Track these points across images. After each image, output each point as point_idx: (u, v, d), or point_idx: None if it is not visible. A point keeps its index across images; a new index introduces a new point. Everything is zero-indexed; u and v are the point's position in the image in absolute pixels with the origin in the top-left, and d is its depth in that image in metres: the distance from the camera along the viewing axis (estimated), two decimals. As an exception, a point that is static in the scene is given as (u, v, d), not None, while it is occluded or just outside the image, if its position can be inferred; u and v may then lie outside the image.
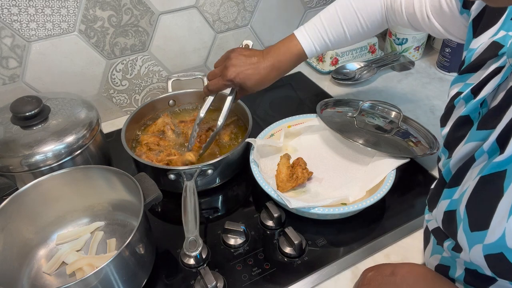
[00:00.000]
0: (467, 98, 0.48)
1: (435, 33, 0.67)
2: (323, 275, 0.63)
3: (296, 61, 0.76)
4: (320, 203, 0.67)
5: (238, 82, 0.74)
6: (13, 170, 0.69)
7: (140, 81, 0.99)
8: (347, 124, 0.83)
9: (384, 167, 0.74)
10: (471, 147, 0.45)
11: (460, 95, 0.49)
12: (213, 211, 0.77)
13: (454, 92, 0.51)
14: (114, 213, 0.71)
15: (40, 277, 0.63)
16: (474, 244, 0.42)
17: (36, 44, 0.82)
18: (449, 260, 0.51)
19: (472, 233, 0.41)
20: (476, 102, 0.46)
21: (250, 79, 0.73)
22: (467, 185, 0.43)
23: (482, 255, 0.41)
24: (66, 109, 0.75)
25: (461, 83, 0.51)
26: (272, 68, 0.74)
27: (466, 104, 0.48)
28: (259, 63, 0.74)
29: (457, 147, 0.48)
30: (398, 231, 0.69)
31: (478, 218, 0.41)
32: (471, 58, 0.49)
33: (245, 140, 0.77)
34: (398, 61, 1.13)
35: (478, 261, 0.42)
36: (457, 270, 0.50)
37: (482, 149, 0.42)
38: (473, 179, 0.43)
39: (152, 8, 0.89)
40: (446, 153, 0.51)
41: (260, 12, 1.04)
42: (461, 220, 0.43)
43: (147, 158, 0.78)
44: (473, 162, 0.44)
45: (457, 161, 0.47)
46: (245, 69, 0.73)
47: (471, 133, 0.46)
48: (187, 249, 0.57)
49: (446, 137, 0.51)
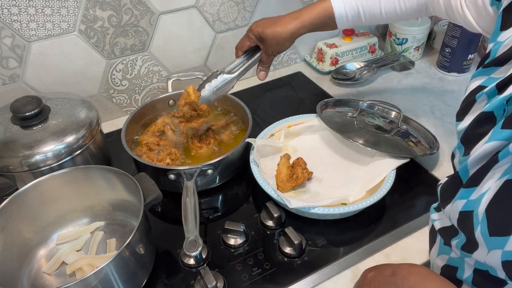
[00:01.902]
0: (490, 94, 0.45)
1: (468, 25, 0.64)
2: (323, 275, 0.63)
3: (321, 17, 0.71)
4: (320, 203, 0.67)
5: (257, 32, 0.73)
6: (13, 170, 0.69)
7: (140, 81, 0.99)
8: (347, 124, 0.83)
9: (384, 167, 0.74)
10: (494, 146, 0.42)
11: (482, 89, 0.46)
12: (213, 211, 0.77)
13: (475, 85, 0.48)
14: (114, 213, 0.71)
15: (40, 277, 0.63)
16: (492, 248, 0.40)
17: (36, 44, 0.82)
18: (457, 260, 0.50)
19: (491, 238, 0.40)
20: (501, 99, 0.43)
21: (269, 27, 0.72)
22: (487, 186, 0.41)
23: (500, 260, 0.39)
24: (66, 109, 0.75)
25: (484, 76, 0.48)
26: (292, 18, 0.71)
27: (489, 100, 0.45)
28: (281, 16, 0.73)
29: (476, 145, 0.45)
30: (398, 231, 0.69)
31: (500, 223, 0.39)
32: (497, 51, 0.47)
33: (245, 140, 0.77)
34: (398, 61, 1.13)
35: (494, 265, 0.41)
36: (465, 272, 0.49)
37: (507, 149, 0.40)
38: (495, 181, 0.41)
39: (152, 8, 0.89)
40: (462, 149, 0.48)
41: (260, 12, 1.04)
42: (479, 223, 0.41)
43: (147, 158, 0.78)
44: (496, 163, 0.41)
45: (476, 160, 0.44)
46: (266, 21, 0.74)
47: (494, 131, 0.43)
48: (187, 249, 0.57)
49: (464, 132, 0.48)
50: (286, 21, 0.72)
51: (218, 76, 0.76)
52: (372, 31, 1.26)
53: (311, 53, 1.20)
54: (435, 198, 0.74)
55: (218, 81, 0.76)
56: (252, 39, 0.75)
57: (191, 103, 0.77)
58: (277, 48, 0.74)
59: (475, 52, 1.06)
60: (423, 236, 0.68)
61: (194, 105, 0.77)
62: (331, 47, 1.12)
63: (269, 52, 0.76)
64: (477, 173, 0.44)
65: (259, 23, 0.74)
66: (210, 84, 0.75)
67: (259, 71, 0.79)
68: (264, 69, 0.79)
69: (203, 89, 0.76)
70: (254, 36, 0.75)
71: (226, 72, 0.76)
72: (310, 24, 0.72)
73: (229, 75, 0.76)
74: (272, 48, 0.74)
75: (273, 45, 0.74)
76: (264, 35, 0.72)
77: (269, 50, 0.75)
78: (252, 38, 0.75)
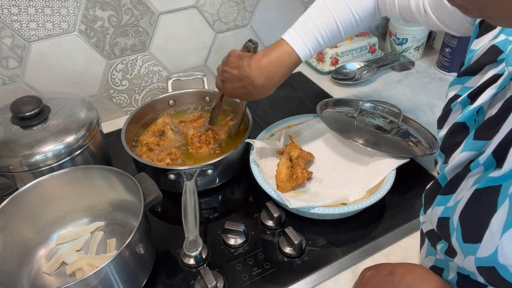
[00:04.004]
0: (464, 103, 0.47)
1: (430, 25, 0.64)
2: (323, 275, 0.63)
3: (290, 70, 0.69)
4: (320, 203, 0.67)
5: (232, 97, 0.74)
6: (13, 170, 0.69)
7: (140, 81, 0.99)
8: (347, 124, 0.83)
9: (384, 167, 0.74)
10: (467, 156, 0.44)
11: (457, 98, 0.48)
12: (213, 211, 0.77)
13: (452, 94, 0.50)
14: (114, 213, 0.71)
15: (40, 277, 0.63)
16: (467, 254, 0.41)
17: (36, 44, 0.82)
18: (442, 262, 0.51)
19: (465, 245, 0.41)
20: (472, 110, 0.45)
21: (244, 96, 0.72)
22: (462, 194, 0.43)
23: (474, 266, 0.41)
24: (66, 109, 0.75)
25: (459, 85, 0.50)
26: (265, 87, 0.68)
27: (462, 109, 0.47)
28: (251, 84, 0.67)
29: (453, 153, 0.47)
30: (398, 231, 0.69)
31: (471, 230, 0.41)
32: (470, 60, 0.48)
33: (245, 141, 0.77)
34: (398, 61, 1.13)
35: (471, 270, 0.42)
36: (450, 273, 0.50)
37: (477, 161, 0.42)
38: (467, 189, 0.42)
39: (152, 8, 0.89)
40: (443, 157, 0.50)
41: (260, 12, 1.04)
42: (454, 230, 0.43)
43: (147, 158, 0.78)
44: (468, 172, 0.43)
45: (452, 168, 0.46)
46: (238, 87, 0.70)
47: (467, 141, 0.45)
48: (187, 249, 0.57)
49: (442, 141, 0.50)
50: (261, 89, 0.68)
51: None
52: (372, 31, 1.26)
53: (311, 53, 1.20)
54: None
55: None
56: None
57: None
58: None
59: (475, 52, 1.06)
60: (422, 236, 0.69)
61: None
62: (331, 47, 1.12)
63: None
64: (453, 181, 0.45)
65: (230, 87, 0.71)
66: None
67: None
68: None
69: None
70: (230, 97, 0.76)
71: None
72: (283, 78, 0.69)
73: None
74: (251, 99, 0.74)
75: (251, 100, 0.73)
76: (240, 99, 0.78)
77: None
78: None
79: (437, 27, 0.64)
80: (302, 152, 0.79)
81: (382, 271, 0.53)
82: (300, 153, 0.78)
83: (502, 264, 0.38)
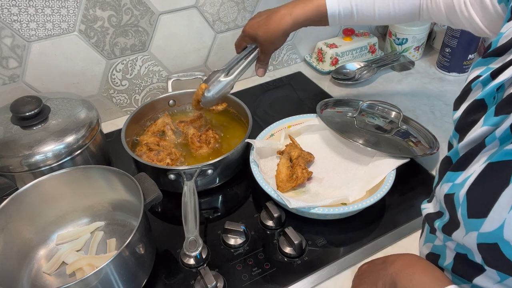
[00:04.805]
0: (485, 82, 0.46)
1: (473, 27, 0.63)
2: (323, 275, 0.63)
3: (314, 14, 0.70)
4: (320, 203, 0.67)
5: (250, 34, 0.74)
6: (13, 170, 0.69)
7: (140, 81, 0.99)
8: (347, 124, 0.83)
9: (384, 167, 0.74)
10: (483, 131, 0.43)
11: (479, 78, 0.47)
12: (213, 211, 0.77)
13: (474, 75, 0.48)
14: (114, 213, 0.71)
15: (40, 277, 0.63)
16: (469, 230, 0.41)
17: (36, 44, 0.82)
18: (440, 248, 0.52)
19: (469, 220, 0.41)
20: (493, 86, 0.44)
21: (261, 27, 0.72)
22: (472, 170, 0.42)
23: (476, 242, 0.41)
24: (66, 109, 0.75)
25: (482, 66, 0.48)
26: (285, 14, 0.70)
27: (483, 88, 0.46)
28: (273, 12, 0.72)
29: (468, 132, 0.46)
30: (398, 231, 0.69)
31: (478, 205, 0.40)
32: (497, 42, 0.47)
33: (245, 141, 0.77)
34: (398, 61, 1.13)
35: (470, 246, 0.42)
36: (446, 259, 0.50)
37: (494, 135, 0.41)
38: (480, 165, 0.41)
39: (152, 8, 0.89)
40: (457, 137, 0.49)
41: (260, 12, 1.04)
42: (460, 205, 0.42)
43: (147, 158, 0.78)
44: (483, 147, 0.42)
45: (466, 144, 0.45)
46: (259, 19, 0.73)
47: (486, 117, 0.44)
48: (187, 249, 0.57)
49: (458, 120, 0.49)
50: (279, 18, 0.71)
51: (218, 77, 0.78)
52: (372, 31, 1.26)
53: (311, 53, 1.20)
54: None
55: (217, 87, 0.78)
56: (247, 40, 0.77)
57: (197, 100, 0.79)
58: (272, 46, 0.75)
59: (475, 52, 1.06)
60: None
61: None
62: (331, 47, 1.12)
63: (265, 51, 0.76)
64: (465, 157, 0.45)
65: (252, 23, 0.75)
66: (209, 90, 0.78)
67: (257, 68, 0.80)
68: (262, 66, 0.80)
69: (203, 95, 0.78)
70: (248, 37, 0.76)
71: (225, 72, 0.78)
72: (302, 21, 0.71)
73: (227, 79, 0.78)
74: (268, 47, 0.75)
75: (267, 45, 0.74)
76: (257, 37, 0.73)
77: (264, 49, 0.76)
78: (246, 39, 0.77)
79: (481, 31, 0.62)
80: (302, 152, 0.79)
81: (376, 261, 0.55)
82: (300, 153, 0.79)
83: (506, 240, 0.37)
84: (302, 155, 0.78)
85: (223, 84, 0.78)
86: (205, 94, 0.77)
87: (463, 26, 0.65)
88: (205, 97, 0.78)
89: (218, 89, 0.78)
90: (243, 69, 0.78)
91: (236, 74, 0.78)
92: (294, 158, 0.77)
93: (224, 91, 0.79)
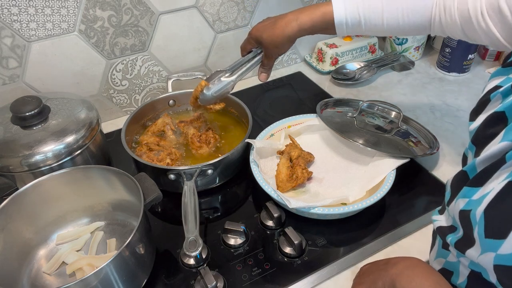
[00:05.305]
0: (505, 93, 0.43)
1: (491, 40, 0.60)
2: (323, 275, 0.63)
3: (319, 20, 0.69)
4: (320, 203, 0.67)
5: (256, 37, 0.74)
6: (13, 170, 0.69)
7: (140, 81, 0.99)
8: (347, 124, 0.83)
9: (384, 167, 0.74)
10: (503, 146, 0.41)
11: (498, 89, 0.45)
12: (213, 211, 0.77)
13: (493, 85, 0.46)
14: (114, 213, 0.71)
15: (40, 277, 0.63)
16: (486, 250, 0.39)
17: (36, 44, 0.82)
18: (453, 265, 0.50)
19: (486, 240, 0.39)
20: None
21: (267, 31, 0.72)
22: (491, 187, 0.40)
23: (492, 263, 0.39)
24: (66, 109, 0.75)
25: (502, 76, 0.46)
26: (292, 19, 0.70)
27: (503, 100, 0.44)
28: (280, 17, 0.72)
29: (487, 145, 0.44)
30: (398, 231, 0.69)
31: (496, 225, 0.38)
32: None
33: (245, 141, 0.77)
34: (398, 61, 1.13)
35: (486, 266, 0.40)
36: (460, 277, 0.48)
37: None
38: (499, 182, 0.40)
39: (152, 8, 0.89)
40: (474, 149, 0.47)
41: (260, 12, 1.04)
42: (476, 224, 0.40)
43: (147, 158, 0.78)
44: (503, 163, 0.40)
45: (485, 159, 0.43)
46: (266, 23, 0.73)
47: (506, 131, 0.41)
48: (187, 249, 0.57)
49: (475, 132, 0.47)
50: (285, 24, 0.71)
51: (220, 77, 0.78)
52: (372, 31, 1.26)
53: (311, 53, 1.20)
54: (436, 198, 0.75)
55: (217, 86, 0.78)
56: (252, 43, 0.77)
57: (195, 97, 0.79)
58: (276, 51, 0.75)
59: (475, 52, 1.06)
60: (423, 236, 0.68)
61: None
62: (331, 47, 1.12)
63: (269, 55, 0.76)
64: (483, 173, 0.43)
65: (259, 26, 0.75)
66: (209, 88, 0.77)
67: (260, 72, 0.80)
68: (265, 71, 0.80)
69: (202, 93, 0.78)
70: (254, 40, 0.76)
71: (228, 73, 0.78)
72: (308, 28, 0.70)
73: (228, 79, 0.77)
74: (272, 51, 0.75)
75: (272, 49, 0.74)
76: (262, 40, 0.73)
77: (268, 53, 0.76)
78: (252, 42, 0.77)
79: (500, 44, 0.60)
80: (302, 152, 0.79)
81: (378, 263, 0.55)
82: (300, 153, 0.79)
83: None
84: (302, 155, 0.78)
85: (223, 84, 0.78)
86: (204, 92, 0.77)
87: (480, 40, 0.62)
88: (204, 94, 0.78)
89: (217, 88, 0.78)
90: (245, 71, 0.78)
91: (238, 75, 0.78)
92: (294, 158, 0.77)
93: (223, 91, 0.78)
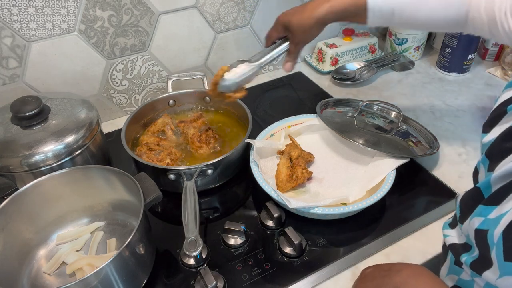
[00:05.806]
0: None
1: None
2: (323, 275, 0.63)
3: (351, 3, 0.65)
4: (320, 203, 0.67)
5: (283, 22, 0.70)
6: (13, 170, 0.69)
7: (140, 81, 0.99)
8: (347, 124, 0.83)
9: (384, 167, 0.74)
10: None
11: None
12: (213, 211, 0.77)
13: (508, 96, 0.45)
14: (114, 213, 0.71)
15: (40, 277, 0.63)
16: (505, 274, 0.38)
17: (36, 44, 0.82)
18: (467, 283, 0.48)
19: (505, 263, 0.37)
20: None
21: (295, 14, 0.68)
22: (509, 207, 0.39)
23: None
24: (66, 109, 0.75)
25: None
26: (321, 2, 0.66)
27: None
28: (310, 1, 0.68)
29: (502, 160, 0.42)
30: (398, 231, 0.69)
31: None
32: None
33: (245, 141, 0.77)
34: (398, 61, 1.13)
35: None
36: None
37: None
38: None
39: (152, 8, 0.89)
40: (487, 163, 0.45)
41: (260, 12, 1.04)
42: (494, 245, 0.39)
43: (147, 158, 0.78)
44: None
45: (501, 176, 0.41)
46: (293, 9, 0.70)
47: None
48: (187, 249, 0.57)
49: (490, 146, 0.45)
50: (316, 5, 0.66)
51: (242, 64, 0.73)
52: (372, 31, 1.26)
53: (311, 53, 1.20)
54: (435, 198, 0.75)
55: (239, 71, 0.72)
56: (279, 29, 0.72)
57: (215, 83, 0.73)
58: (304, 36, 0.70)
59: (475, 52, 1.06)
60: (423, 236, 0.68)
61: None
62: (331, 47, 1.12)
63: (295, 41, 0.71)
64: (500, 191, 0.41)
65: (287, 12, 0.71)
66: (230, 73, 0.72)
67: (285, 62, 0.75)
68: (291, 60, 0.75)
69: (222, 79, 0.72)
70: (281, 26, 0.71)
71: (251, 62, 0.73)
72: (339, 11, 0.66)
73: (251, 64, 0.72)
74: (299, 37, 0.70)
75: (299, 34, 0.70)
76: (290, 24, 0.69)
77: (295, 39, 0.71)
78: (279, 29, 0.72)
79: None
80: (302, 152, 0.79)
81: (381, 268, 0.54)
82: (300, 153, 0.79)
83: None
84: (302, 155, 0.78)
85: (246, 70, 0.72)
86: (224, 77, 0.71)
87: (503, 40, 0.61)
88: (224, 80, 0.72)
89: (240, 74, 0.72)
90: (269, 58, 0.73)
91: (261, 61, 0.73)
92: (294, 158, 0.77)
93: (246, 77, 0.73)
